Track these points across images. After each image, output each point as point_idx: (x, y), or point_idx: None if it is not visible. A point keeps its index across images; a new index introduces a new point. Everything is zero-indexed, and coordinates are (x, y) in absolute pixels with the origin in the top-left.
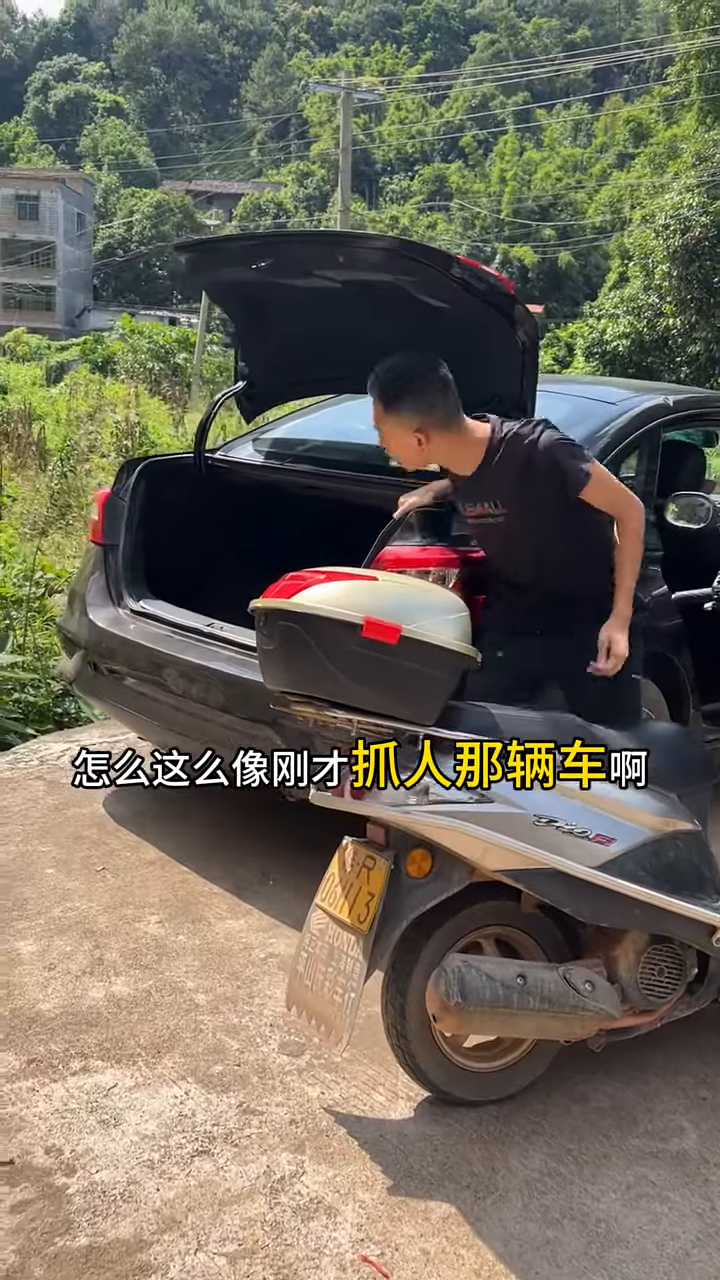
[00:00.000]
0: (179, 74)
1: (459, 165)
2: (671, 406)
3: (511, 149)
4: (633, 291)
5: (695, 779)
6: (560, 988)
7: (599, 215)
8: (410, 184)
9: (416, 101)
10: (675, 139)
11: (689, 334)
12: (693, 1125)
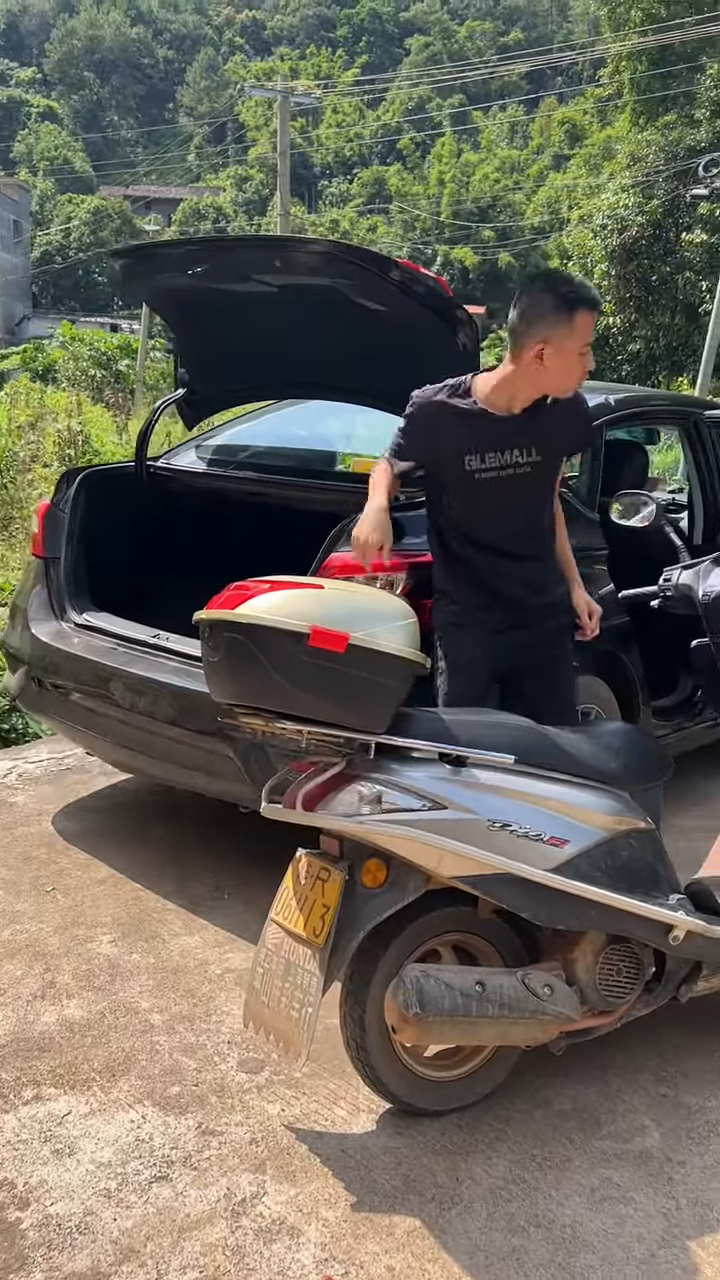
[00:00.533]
0: (113, 78)
1: (397, 168)
2: (613, 405)
3: (449, 151)
4: None
5: (648, 777)
6: (519, 993)
7: (537, 216)
8: (349, 187)
9: (353, 104)
10: (610, 140)
11: (629, 332)
12: (655, 1124)
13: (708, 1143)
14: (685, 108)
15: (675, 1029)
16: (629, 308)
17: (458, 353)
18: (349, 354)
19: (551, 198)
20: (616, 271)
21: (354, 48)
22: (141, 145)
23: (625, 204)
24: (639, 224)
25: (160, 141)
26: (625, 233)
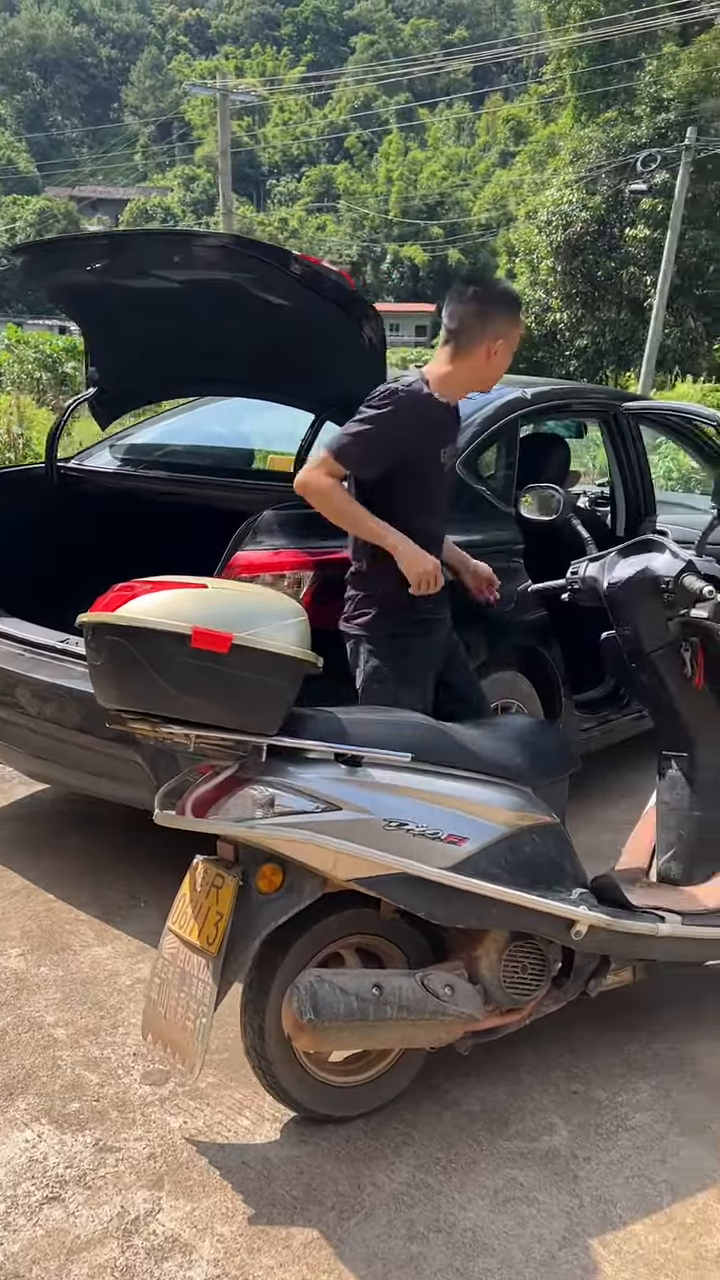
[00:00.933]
0: (56, 78)
1: (345, 166)
2: (530, 399)
3: (396, 149)
4: (519, 287)
5: (552, 772)
6: (418, 994)
7: (484, 213)
8: (298, 185)
9: (300, 103)
10: (553, 136)
11: (576, 328)
12: (564, 1121)
13: (615, 1138)
14: (626, 104)
15: (587, 1025)
16: (575, 303)
17: (364, 347)
18: (255, 350)
19: (498, 194)
20: (562, 267)
21: (299, 46)
22: (86, 145)
23: (569, 200)
24: (583, 220)
25: (105, 141)
26: (570, 229)
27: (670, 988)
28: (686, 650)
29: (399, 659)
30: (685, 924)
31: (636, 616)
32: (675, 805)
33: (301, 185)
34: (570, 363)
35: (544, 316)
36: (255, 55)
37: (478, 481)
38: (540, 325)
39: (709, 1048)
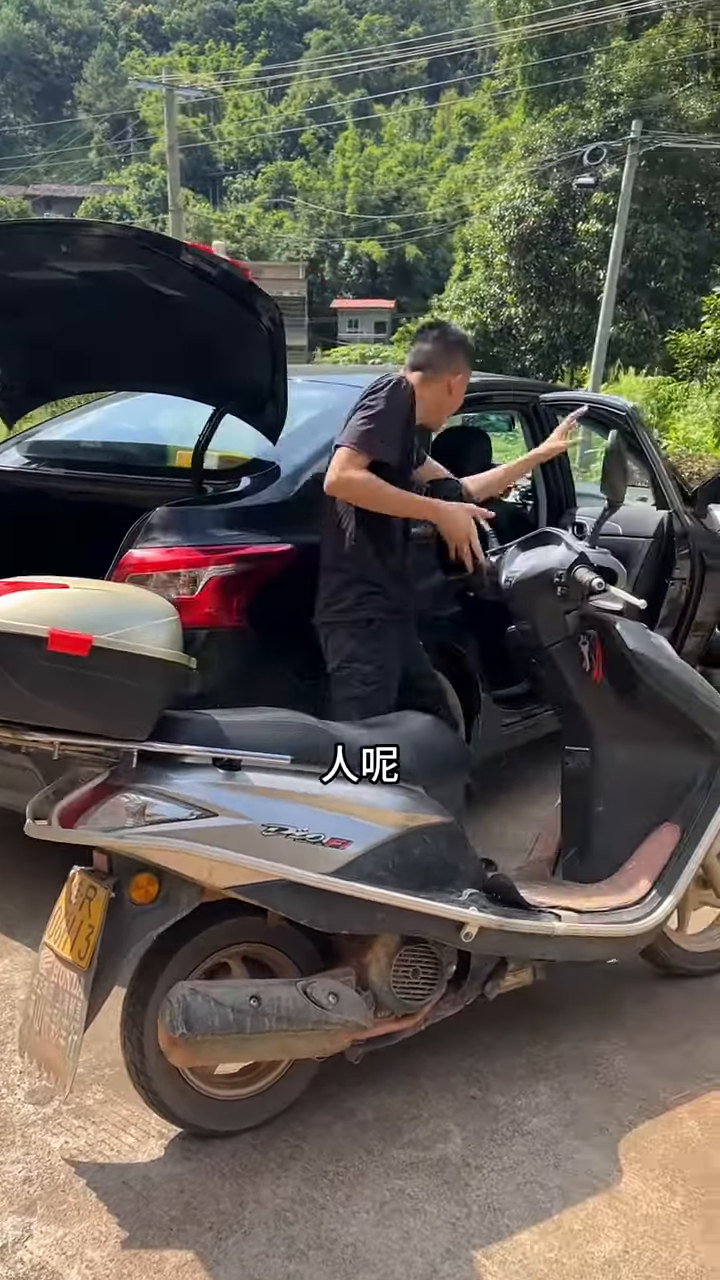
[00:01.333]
0: (7, 75)
1: (301, 162)
2: None
3: (352, 145)
4: (475, 283)
5: (445, 771)
6: (299, 1004)
7: (439, 208)
8: (254, 182)
9: (255, 99)
10: (506, 131)
11: (531, 323)
12: (459, 1128)
13: (510, 1144)
14: (576, 98)
15: (491, 1026)
16: (530, 298)
17: (262, 337)
18: (154, 343)
19: (453, 190)
20: (516, 262)
21: (253, 42)
22: (40, 143)
23: (521, 195)
24: (536, 214)
25: (59, 139)
26: (523, 223)
27: (579, 985)
28: (584, 644)
29: (376, 644)
30: (583, 922)
31: (533, 611)
32: (577, 801)
33: (258, 182)
34: (526, 357)
35: (499, 311)
36: (209, 51)
37: None
38: (496, 320)
39: (613, 1047)
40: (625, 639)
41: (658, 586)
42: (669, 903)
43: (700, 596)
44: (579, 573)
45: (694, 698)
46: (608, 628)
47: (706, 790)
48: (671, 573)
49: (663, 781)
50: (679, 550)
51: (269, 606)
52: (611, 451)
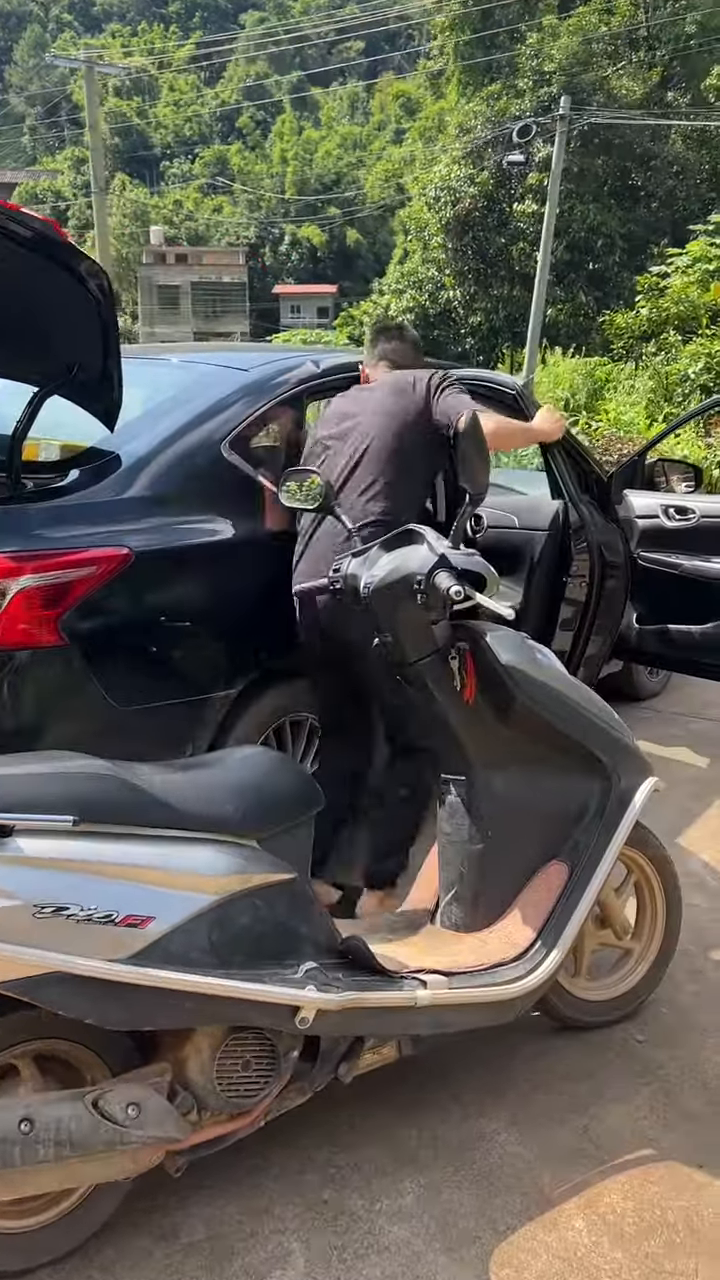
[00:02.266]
0: None
1: (239, 146)
2: (319, 371)
3: (290, 128)
4: (413, 265)
5: (286, 816)
6: (87, 1123)
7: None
8: (191, 166)
9: (190, 82)
10: (442, 111)
11: (470, 305)
12: (302, 1245)
13: (362, 1263)
14: (510, 77)
15: (353, 1104)
16: (468, 280)
17: (89, 306)
18: None
19: (390, 171)
20: (453, 244)
21: (187, 24)
22: None
23: (456, 176)
24: (471, 196)
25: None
26: (459, 205)
27: (463, 1042)
28: (454, 658)
29: None
30: (454, 986)
31: (395, 623)
32: (455, 837)
33: (195, 166)
34: (466, 340)
35: (438, 294)
36: (142, 33)
37: (253, 466)
38: (434, 303)
39: (496, 1123)
40: (497, 652)
41: (555, 585)
42: (555, 957)
43: (602, 595)
44: (438, 578)
45: (579, 716)
46: (478, 640)
47: (598, 821)
48: (569, 569)
49: (549, 814)
50: (575, 544)
51: (102, 622)
52: (464, 434)
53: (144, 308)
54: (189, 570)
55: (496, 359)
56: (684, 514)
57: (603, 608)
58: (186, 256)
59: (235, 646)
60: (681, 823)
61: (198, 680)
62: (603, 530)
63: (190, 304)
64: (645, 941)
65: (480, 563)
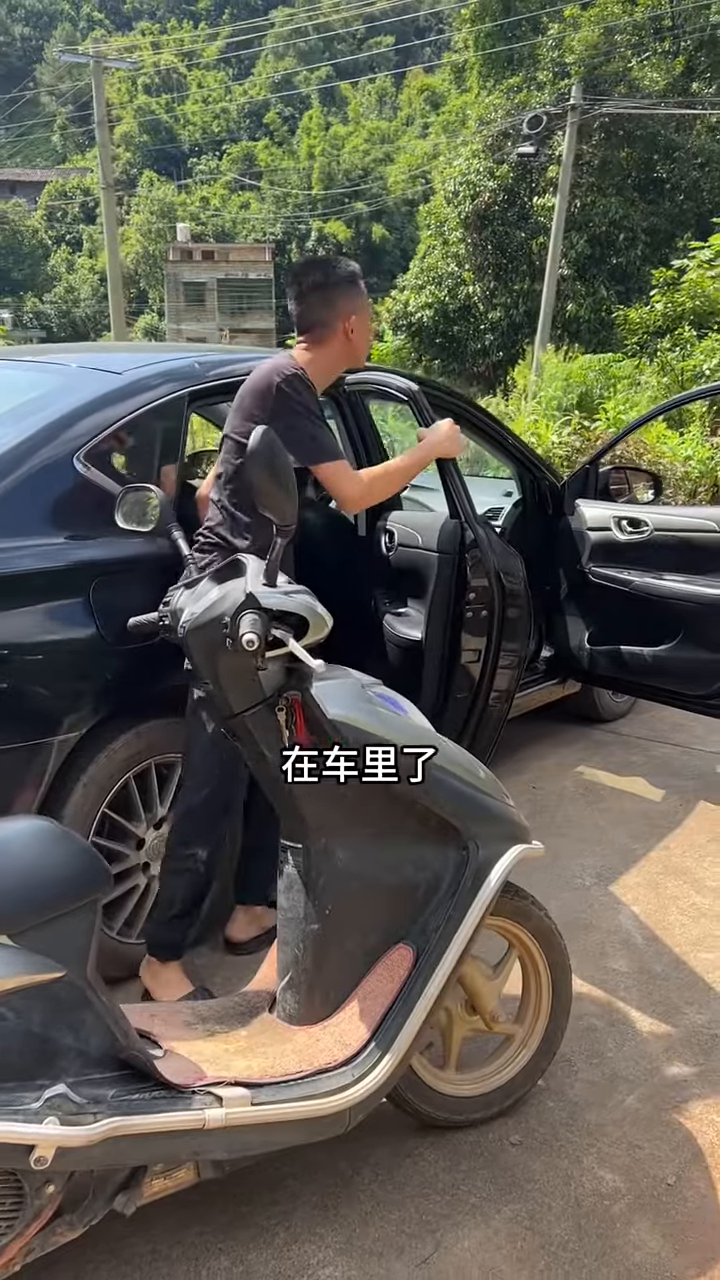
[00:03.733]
0: None
1: (266, 142)
2: (199, 371)
3: (317, 124)
4: (433, 261)
5: (53, 903)
6: None
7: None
8: (219, 163)
9: (219, 79)
10: (465, 105)
11: (490, 300)
12: None
13: None
14: (530, 69)
15: (162, 1223)
16: (487, 275)
17: None
18: None
19: (412, 165)
20: (472, 239)
21: (217, 20)
22: (2, 126)
23: (476, 170)
24: (491, 189)
25: (22, 122)
26: (478, 199)
27: (307, 1158)
28: (281, 710)
29: None
30: (259, 1100)
31: (214, 669)
32: (291, 914)
33: (223, 163)
34: (485, 336)
35: (457, 290)
36: (172, 31)
37: (117, 481)
38: (454, 299)
39: (325, 1253)
40: (324, 705)
41: (454, 613)
42: (388, 1063)
43: (504, 625)
44: (243, 619)
45: (429, 778)
46: (306, 690)
47: (451, 898)
48: (466, 596)
49: (396, 889)
50: (472, 569)
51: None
52: (250, 455)
53: (170, 305)
54: (13, 598)
55: (517, 355)
56: (636, 526)
57: (505, 638)
58: (213, 253)
59: (76, 683)
60: (617, 867)
61: (19, 724)
62: (502, 554)
63: (217, 300)
64: (528, 1026)
65: (302, 603)
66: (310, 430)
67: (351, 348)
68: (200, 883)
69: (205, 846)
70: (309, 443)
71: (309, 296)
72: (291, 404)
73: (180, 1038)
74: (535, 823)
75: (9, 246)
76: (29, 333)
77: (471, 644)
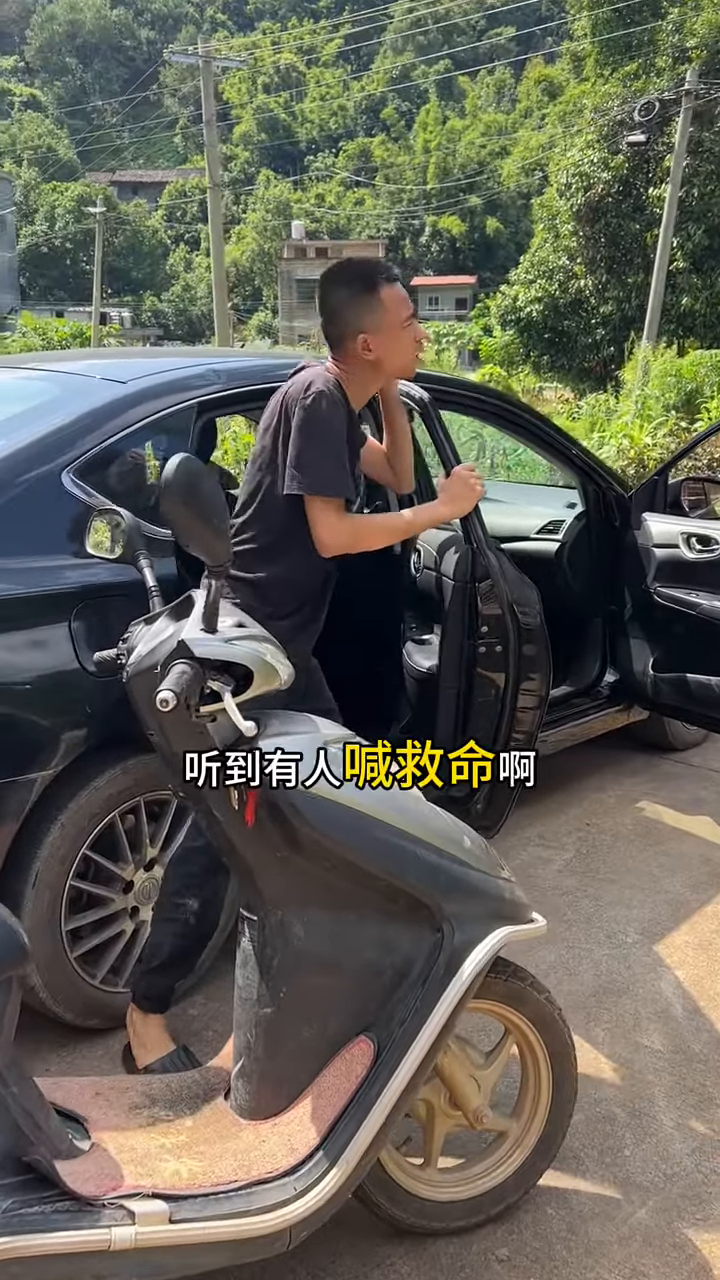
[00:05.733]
0: (95, 62)
1: (382, 138)
2: (221, 380)
3: (434, 118)
4: (544, 254)
5: None
6: None
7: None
8: (335, 160)
9: (337, 76)
10: (581, 95)
11: (601, 294)
12: None
13: None
14: (649, 55)
15: None
16: (599, 268)
17: None
18: None
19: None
20: (585, 232)
21: (337, 18)
22: (127, 129)
23: (590, 160)
24: (605, 181)
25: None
26: (591, 190)
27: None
28: None
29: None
30: (176, 1220)
31: (158, 719)
32: (245, 994)
33: (339, 160)
34: (597, 331)
35: (568, 284)
36: (292, 29)
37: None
38: (565, 293)
39: None
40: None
41: (469, 647)
42: (334, 1178)
43: (521, 662)
44: (174, 669)
45: (397, 850)
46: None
47: (421, 987)
48: (479, 629)
49: (360, 973)
50: (484, 600)
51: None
52: (168, 486)
53: (283, 302)
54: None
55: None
56: (707, 544)
57: (524, 675)
58: (326, 250)
59: (52, 716)
60: (667, 921)
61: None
62: (516, 584)
63: None
64: (524, 1123)
65: (249, 652)
66: (313, 455)
67: (375, 366)
68: (190, 934)
69: (197, 897)
70: (307, 468)
71: (324, 309)
72: (308, 423)
73: (117, 1126)
74: (581, 865)
75: (130, 246)
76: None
77: (488, 680)
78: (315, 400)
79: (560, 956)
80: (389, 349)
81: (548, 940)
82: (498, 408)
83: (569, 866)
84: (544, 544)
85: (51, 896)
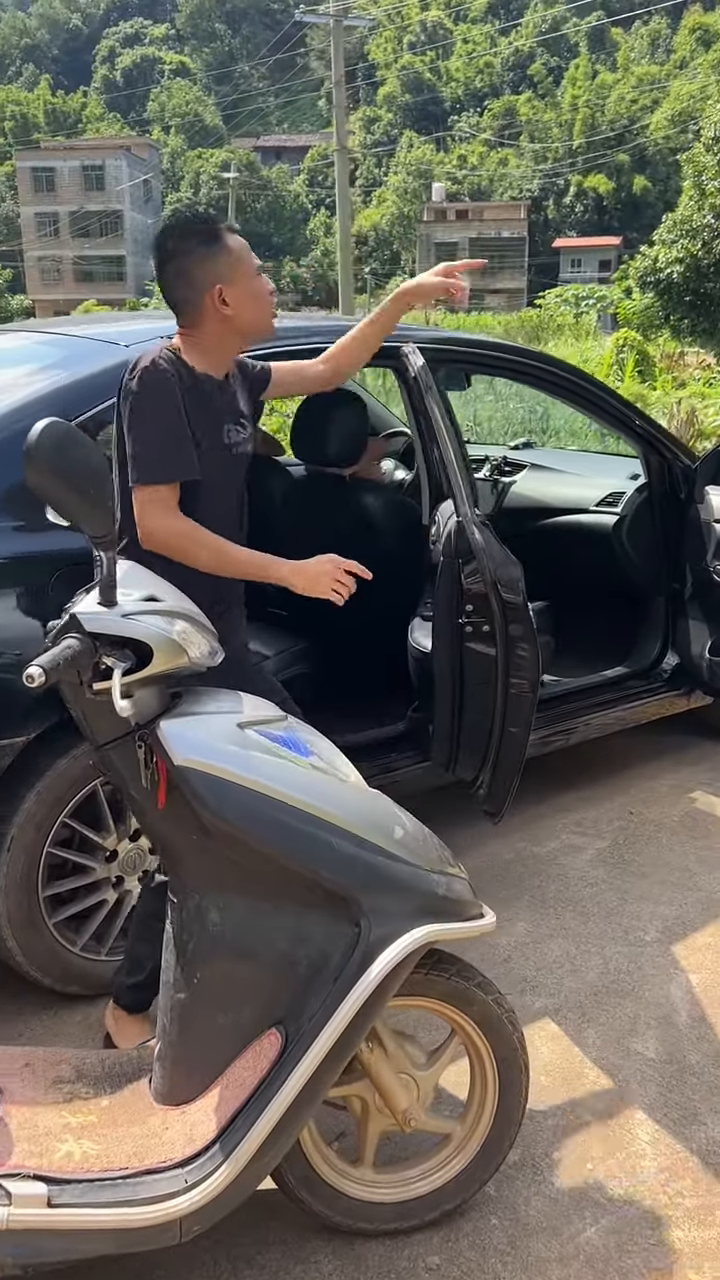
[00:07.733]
0: (243, 27)
1: (529, 95)
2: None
3: (584, 73)
4: (686, 213)
5: None
6: None
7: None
8: (480, 120)
9: (485, 32)
10: None
11: None
12: None
13: None
14: None
15: None
16: None
17: None
18: None
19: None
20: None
21: None
22: (272, 94)
23: None
24: None
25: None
26: None
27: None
28: (140, 747)
29: None
30: (56, 1204)
31: (72, 694)
32: (165, 977)
33: (484, 119)
34: None
35: (713, 244)
36: None
37: None
38: (709, 254)
39: None
40: (170, 746)
41: (456, 627)
42: (225, 1173)
43: (509, 644)
44: (55, 648)
45: (312, 839)
46: (153, 728)
47: (333, 981)
48: (464, 607)
49: (275, 963)
50: (467, 578)
51: None
52: (30, 453)
53: (421, 266)
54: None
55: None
56: None
57: (512, 659)
58: (467, 212)
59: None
60: (693, 921)
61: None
62: (501, 562)
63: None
64: (468, 1127)
65: (149, 629)
66: (146, 440)
67: (235, 322)
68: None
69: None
70: (138, 457)
71: (163, 272)
72: (135, 409)
73: (30, 1100)
74: (614, 856)
75: (270, 211)
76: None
77: (478, 661)
78: (140, 380)
79: (568, 951)
80: (245, 299)
81: (557, 934)
82: (543, 371)
83: (601, 856)
84: (603, 517)
85: (27, 861)
